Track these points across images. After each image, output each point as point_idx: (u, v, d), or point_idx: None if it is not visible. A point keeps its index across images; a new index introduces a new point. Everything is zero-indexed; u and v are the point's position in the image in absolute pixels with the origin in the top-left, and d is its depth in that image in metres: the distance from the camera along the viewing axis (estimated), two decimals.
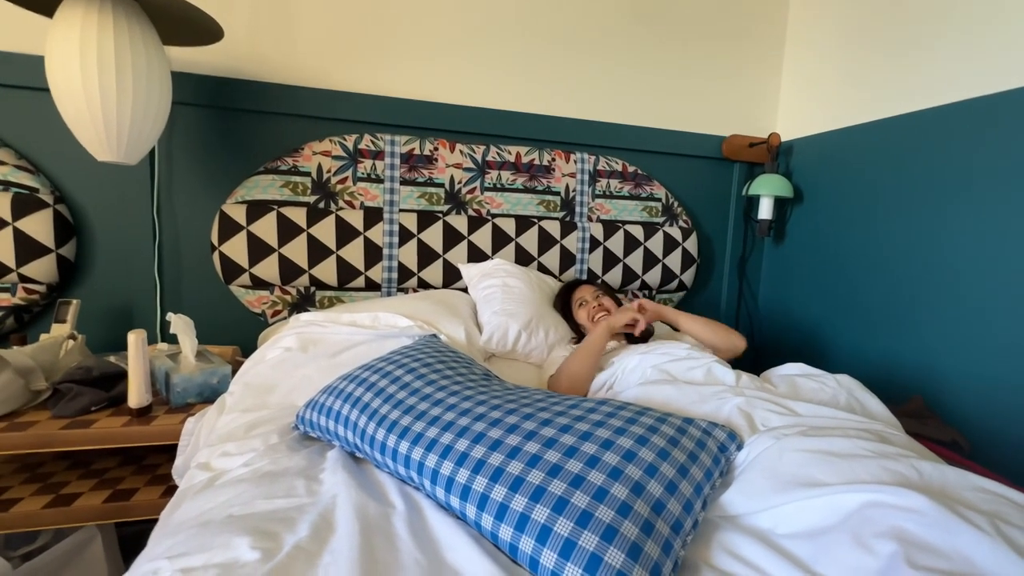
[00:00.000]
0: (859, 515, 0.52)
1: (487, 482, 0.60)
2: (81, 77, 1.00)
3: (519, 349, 1.32)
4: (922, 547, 0.47)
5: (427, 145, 1.51)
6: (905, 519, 0.49)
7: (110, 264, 1.36)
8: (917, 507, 0.50)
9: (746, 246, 1.94)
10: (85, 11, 0.99)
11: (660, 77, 1.77)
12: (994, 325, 1.24)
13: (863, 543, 0.50)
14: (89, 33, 0.99)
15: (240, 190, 1.38)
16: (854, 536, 0.51)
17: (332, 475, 0.75)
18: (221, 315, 1.45)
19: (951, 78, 1.34)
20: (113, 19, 1.01)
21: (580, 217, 1.68)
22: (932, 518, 0.48)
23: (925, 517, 0.49)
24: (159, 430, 0.98)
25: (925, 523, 0.48)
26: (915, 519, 0.49)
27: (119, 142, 1.07)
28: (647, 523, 0.54)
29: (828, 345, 1.71)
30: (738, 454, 0.70)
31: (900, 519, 0.49)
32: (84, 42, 0.99)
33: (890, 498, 0.51)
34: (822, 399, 0.88)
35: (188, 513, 0.70)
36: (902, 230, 1.47)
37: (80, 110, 1.02)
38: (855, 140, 1.61)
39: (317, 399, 0.88)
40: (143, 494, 1.03)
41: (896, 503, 0.51)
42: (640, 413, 0.70)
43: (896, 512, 0.50)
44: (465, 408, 0.73)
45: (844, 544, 0.51)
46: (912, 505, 0.50)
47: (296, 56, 1.43)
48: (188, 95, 1.34)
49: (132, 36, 1.04)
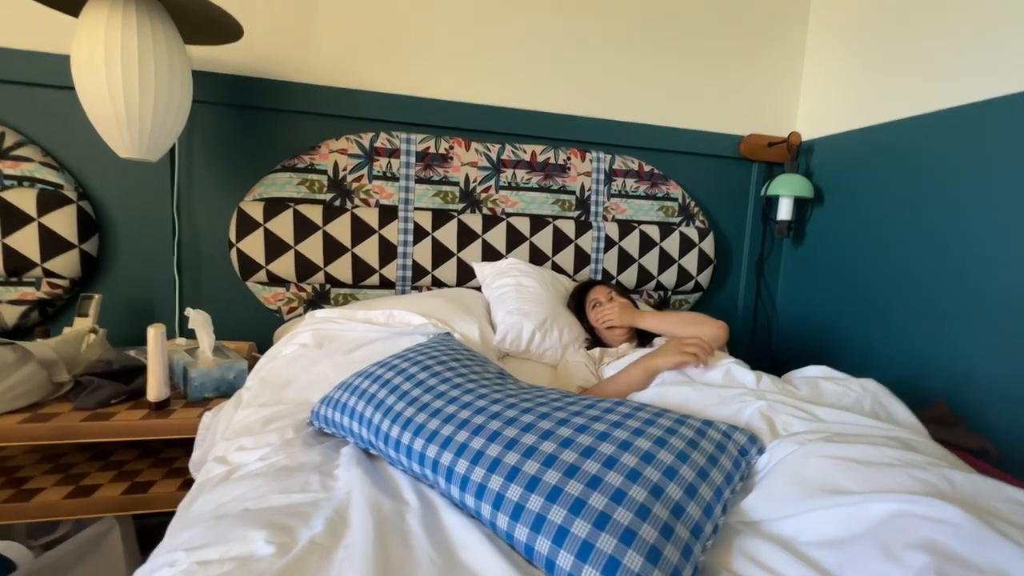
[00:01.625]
0: (888, 525, 0.50)
1: (503, 481, 0.59)
2: (106, 76, 1.01)
3: (533, 349, 1.31)
4: (955, 560, 0.46)
5: (442, 143, 1.51)
6: (937, 530, 0.47)
7: (131, 260, 1.38)
8: (950, 518, 0.48)
9: (764, 247, 1.91)
10: (110, 11, 1.01)
11: (677, 75, 1.75)
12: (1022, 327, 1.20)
13: (892, 554, 0.48)
14: (114, 33, 1.00)
15: (258, 187, 1.39)
16: (883, 546, 0.49)
17: (346, 471, 0.75)
18: (238, 311, 1.46)
19: (977, 76, 1.30)
20: (137, 19, 1.02)
21: (595, 216, 1.67)
22: (966, 530, 0.46)
23: (958, 529, 0.47)
24: (177, 423, 0.99)
25: (958, 535, 0.47)
26: (947, 531, 0.47)
27: (141, 140, 1.08)
28: (666, 526, 0.53)
29: (848, 348, 1.67)
30: (759, 459, 0.69)
31: (931, 530, 0.47)
32: (109, 41, 1.00)
33: (921, 508, 0.50)
34: (845, 404, 0.86)
35: (205, 506, 0.70)
36: (927, 230, 1.43)
37: (104, 108, 1.04)
38: (878, 139, 1.58)
39: (332, 395, 0.89)
40: (160, 487, 1.04)
41: (927, 514, 0.49)
42: (658, 415, 0.69)
43: (927, 523, 0.48)
44: (480, 406, 0.73)
45: (872, 554, 0.49)
46: (944, 516, 0.48)
47: (314, 55, 1.44)
48: (208, 93, 1.36)
49: (155, 36, 1.05)
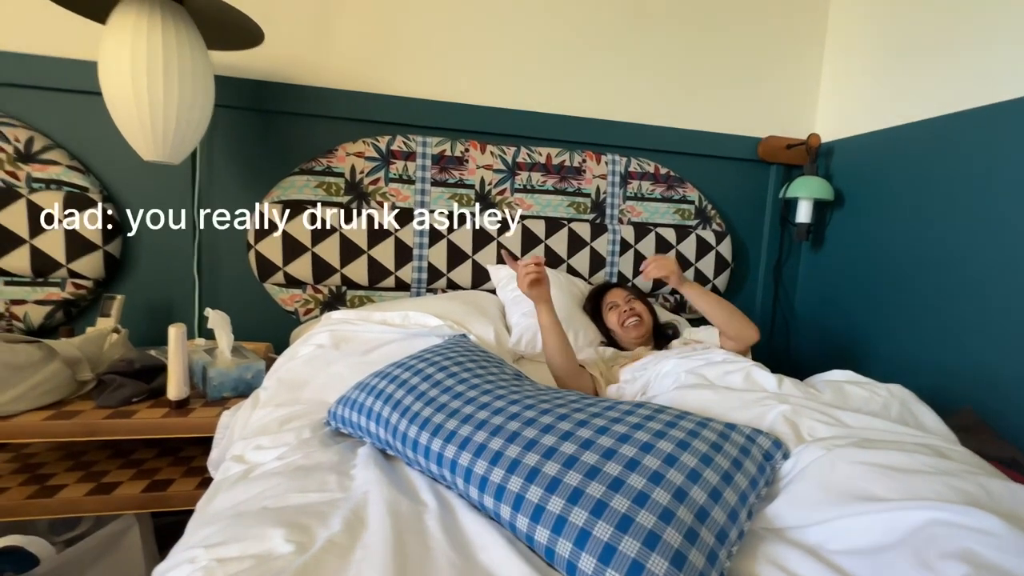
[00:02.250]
0: (923, 533, 0.48)
1: (522, 482, 0.58)
2: (131, 81, 1.04)
3: None
4: (994, 571, 0.44)
5: (458, 146, 1.52)
6: (975, 541, 0.45)
7: (153, 261, 1.40)
8: (989, 528, 0.46)
9: (782, 250, 1.88)
10: (136, 18, 1.03)
11: (694, 77, 1.73)
12: None
13: (928, 564, 0.46)
14: (139, 39, 1.03)
15: (276, 190, 1.41)
16: (917, 556, 0.47)
17: (364, 471, 0.75)
18: (256, 312, 1.48)
19: (1001, 75, 1.27)
20: (162, 26, 1.05)
21: (611, 219, 1.66)
22: (1006, 541, 0.44)
23: (998, 539, 0.45)
24: (196, 422, 1.00)
25: (998, 546, 0.45)
26: (987, 541, 0.45)
27: (165, 143, 1.10)
28: (691, 531, 0.52)
29: (869, 353, 1.63)
30: (784, 464, 0.67)
31: (970, 540, 0.45)
32: (135, 48, 1.03)
33: (958, 517, 0.48)
34: (872, 409, 0.84)
35: (223, 504, 0.70)
36: (950, 233, 1.39)
37: (130, 113, 1.06)
38: (899, 141, 1.55)
39: (349, 395, 0.89)
40: (179, 485, 1.05)
41: (965, 523, 0.47)
42: (680, 417, 0.68)
43: (965, 532, 0.46)
44: (498, 407, 0.72)
45: (906, 564, 0.48)
46: (983, 526, 0.46)
47: (332, 60, 1.46)
48: (229, 98, 1.38)
49: (179, 42, 1.07)
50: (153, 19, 1.04)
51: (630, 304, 1.36)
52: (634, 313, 1.33)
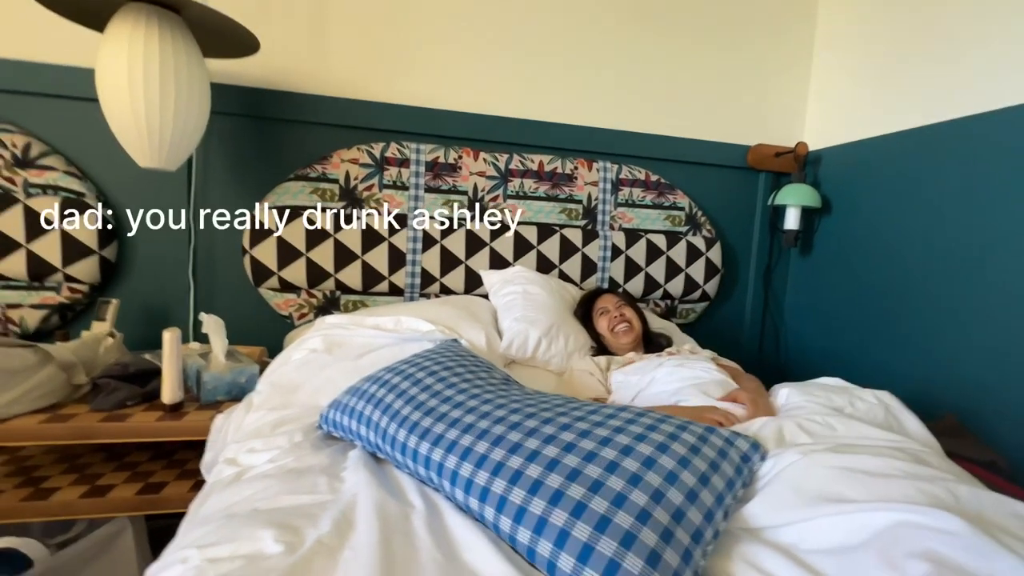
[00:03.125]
0: (889, 534, 0.50)
1: (506, 484, 0.60)
2: (128, 89, 1.05)
3: (539, 356, 1.32)
4: (955, 570, 0.46)
5: (451, 153, 1.54)
6: (938, 541, 0.47)
7: (148, 266, 1.42)
8: (952, 529, 0.48)
9: (772, 257, 1.90)
10: (133, 26, 1.05)
11: (684, 85, 1.76)
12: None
13: (892, 563, 0.48)
14: (136, 47, 1.04)
15: (271, 196, 1.43)
16: (883, 555, 0.49)
17: (354, 474, 0.76)
18: (250, 317, 1.49)
19: (985, 86, 1.30)
20: (159, 34, 1.06)
21: (602, 225, 1.68)
22: (967, 541, 0.46)
23: (959, 539, 0.47)
24: (190, 425, 1.02)
25: (960, 546, 0.47)
26: (949, 541, 0.47)
27: (161, 150, 1.12)
28: (666, 531, 0.53)
29: (856, 359, 1.65)
30: (762, 465, 0.69)
31: (933, 540, 0.47)
32: (132, 56, 1.04)
33: (923, 518, 0.50)
34: (858, 415, 0.86)
35: (216, 505, 0.72)
36: (936, 242, 1.42)
37: (126, 120, 1.08)
38: (886, 150, 1.58)
39: (341, 400, 0.90)
40: (173, 488, 1.06)
41: (929, 524, 0.49)
42: (661, 420, 0.70)
43: (929, 533, 0.48)
44: (485, 411, 0.74)
45: (872, 563, 0.50)
46: (946, 527, 0.48)
47: (327, 67, 1.48)
48: (225, 105, 1.40)
49: (176, 50, 1.09)
50: (150, 28, 1.06)
51: (620, 310, 1.38)
52: (624, 319, 1.35)
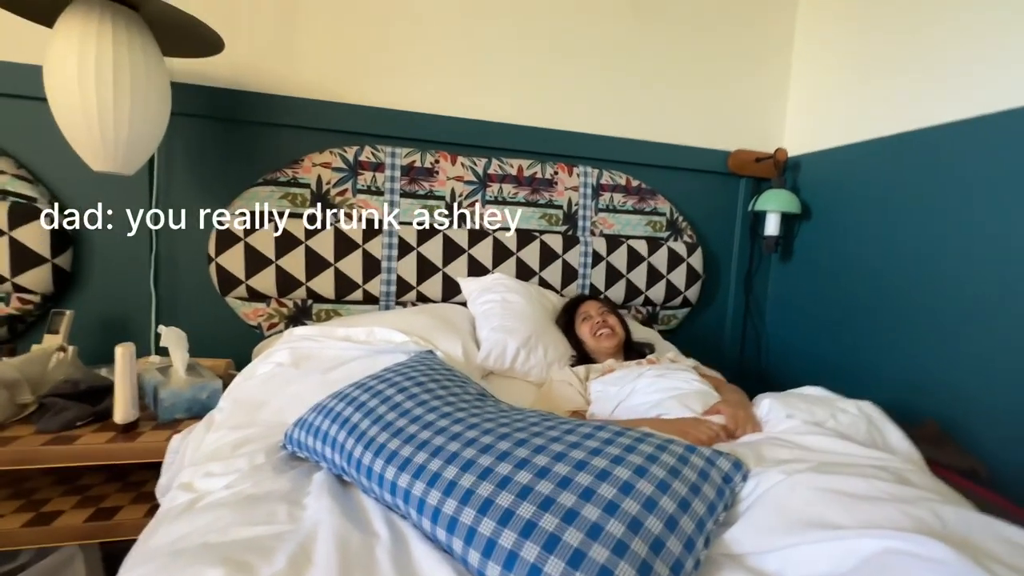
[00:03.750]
0: (876, 562, 0.48)
1: (475, 514, 0.56)
2: (79, 88, 0.99)
3: (517, 367, 1.28)
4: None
5: (428, 157, 1.50)
6: (926, 570, 0.45)
7: (106, 275, 1.35)
8: (940, 558, 0.45)
9: (752, 262, 1.90)
10: (84, 22, 0.99)
11: (665, 91, 1.75)
12: (1017, 345, 1.19)
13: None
14: (88, 44, 0.98)
15: (238, 201, 1.37)
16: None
17: (316, 500, 0.71)
18: (217, 327, 1.42)
19: (964, 93, 1.31)
20: (113, 30, 1.00)
21: (583, 231, 1.65)
22: (956, 570, 0.44)
23: (948, 568, 0.45)
24: (144, 447, 0.95)
25: (948, 575, 0.44)
26: (937, 570, 0.45)
27: (116, 153, 1.06)
28: (644, 564, 0.50)
29: (836, 365, 1.66)
30: (744, 486, 0.66)
31: (921, 570, 0.45)
32: (83, 53, 0.98)
33: (910, 546, 0.47)
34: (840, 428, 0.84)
35: (164, 539, 0.66)
36: (915, 248, 1.43)
37: (76, 121, 1.01)
38: (864, 156, 1.58)
39: (306, 418, 0.85)
40: (127, 512, 1.00)
41: (916, 552, 0.47)
42: (640, 440, 0.67)
43: (916, 562, 0.46)
44: (456, 432, 0.70)
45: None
46: (934, 555, 0.46)
47: (297, 68, 1.43)
48: (188, 106, 1.33)
49: (132, 48, 1.03)
50: (103, 24, 1.00)
51: (603, 316, 1.35)
52: (607, 325, 1.33)
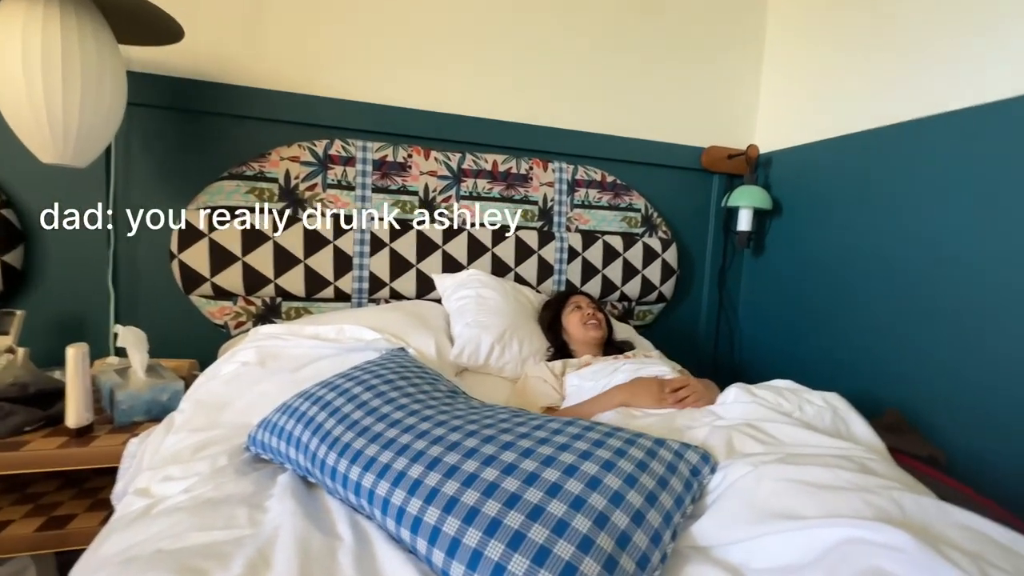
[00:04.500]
0: (837, 551, 0.48)
1: (439, 513, 0.55)
2: (23, 76, 0.94)
3: (492, 363, 1.27)
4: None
5: (400, 152, 1.47)
6: (885, 557, 0.46)
7: (61, 273, 1.28)
8: (898, 544, 0.46)
9: (726, 258, 1.93)
10: (29, 5, 0.94)
11: (639, 87, 1.76)
12: (978, 339, 1.23)
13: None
14: (33, 28, 0.93)
15: (202, 196, 1.32)
16: (832, 574, 0.47)
17: (279, 503, 0.69)
18: (181, 326, 1.38)
19: (931, 91, 1.34)
20: (61, 14, 0.95)
21: (558, 227, 1.65)
22: (914, 557, 0.45)
23: (906, 555, 0.45)
24: (98, 452, 0.91)
25: (906, 561, 0.45)
26: (896, 557, 0.45)
27: (66, 144, 1.01)
28: (610, 559, 0.50)
29: (806, 358, 1.69)
30: (712, 478, 0.66)
31: (880, 557, 0.46)
32: (27, 37, 0.93)
33: (870, 534, 0.48)
34: (806, 419, 0.85)
35: (115, 547, 0.63)
36: (881, 242, 1.46)
37: (22, 110, 0.96)
38: (832, 153, 1.61)
39: (270, 418, 0.83)
40: (82, 520, 0.95)
41: (876, 539, 0.47)
42: (608, 435, 0.66)
43: (876, 549, 0.47)
44: (423, 430, 0.68)
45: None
46: (893, 542, 0.46)
47: (264, 58, 1.39)
48: (148, 96, 1.28)
49: (83, 33, 0.98)
50: (50, 8, 0.95)
51: (592, 308, 1.37)
52: (595, 317, 1.34)
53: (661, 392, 0.97)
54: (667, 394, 0.97)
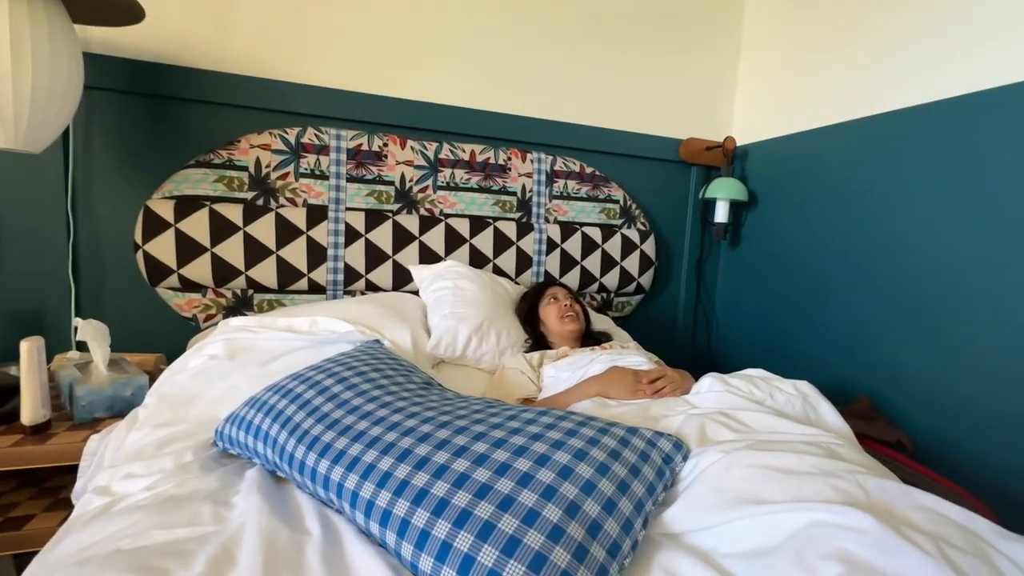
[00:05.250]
0: (804, 535, 0.49)
1: (408, 506, 0.54)
2: None
3: (469, 354, 1.26)
4: (866, 569, 0.45)
5: (376, 141, 1.44)
6: (849, 540, 0.46)
7: (16, 264, 1.23)
8: (862, 527, 0.47)
9: (703, 249, 1.94)
10: None
11: (618, 78, 1.75)
12: (943, 328, 1.26)
13: (807, 565, 0.46)
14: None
15: (168, 184, 1.27)
16: (798, 557, 0.48)
17: (245, 499, 0.67)
18: (147, 320, 1.33)
19: (905, 83, 1.37)
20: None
21: (537, 218, 1.64)
22: (876, 539, 0.46)
23: (869, 537, 0.46)
24: (56, 449, 0.88)
25: (869, 543, 0.46)
26: (859, 539, 0.46)
27: (17, 127, 0.96)
28: (580, 548, 0.49)
29: (780, 347, 1.72)
30: (684, 466, 0.67)
31: (845, 540, 0.46)
32: None
33: (835, 517, 0.49)
34: (777, 406, 0.86)
35: (70, 548, 0.61)
36: (854, 233, 1.49)
37: None
38: (808, 145, 1.64)
39: (238, 412, 0.80)
40: (41, 521, 0.92)
41: (841, 522, 0.48)
42: (582, 424, 0.66)
43: (841, 532, 0.47)
44: (394, 422, 0.67)
45: (787, 565, 0.48)
46: (857, 525, 0.47)
47: (232, 41, 1.34)
48: (109, 79, 1.23)
49: (33, 11, 0.93)
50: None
51: (570, 300, 1.36)
52: (572, 309, 1.33)
53: (636, 383, 0.97)
54: (644, 385, 0.97)
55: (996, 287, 1.16)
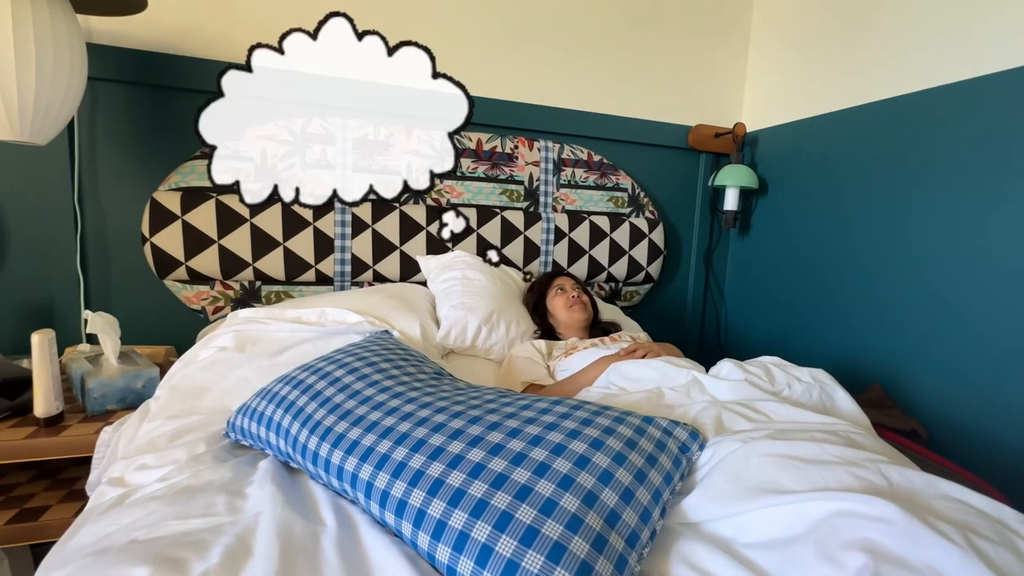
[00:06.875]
0: (827, 524, 0.48)
1: (424, 495, 0.53)
2: None
3: (479, 345, 1.26)
4: (891, 560, 0.44)
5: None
6: (874, 529, 0.45)
7: (26, 257, 1.23)
8: (887, 516, 0.46)
9: (712, 238, 1.92)
10: None
11: (625, 64, 1.72)
12: (957, 316, 1.25)
13: (830, 555, 0.46)
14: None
15: (174, 176, 1.26)
16: (821, 547, 0.47)
17: (259, 489, 0.67)
18: (156, 312, 1.33)
19: (916, 66, 1.34)
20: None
21: (544, 207, 1.62)
22: (902, 528, 0.45)
23: (895, 527, 0.45)
24: (69, 442, 0.88)
25: (895, 533, 0.45)
26: (884, 529, 0.45)
27: (22, 120, 0.95)
28: (599, 538, 0.49)
29: (794, 336, 1.70)
30: (701, 455, 0.66)
31: (869, 529, 0.46)
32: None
33: (859, 507, 0.48)
34: (794, 395, 0.85)
35: (87, 538, 0.61)
36: (867, 220, 1.47)
37: None
38: (819, 131, 1.61)
39: (250, 403, 0.80)
40: (56, 512, 0.92)
41: (865, 512, 0.47)
42: (597, 413, 0.65)
43: (865, 521, 0.46)
44: (407, 412, 0.67)
45: (810, 555, 0.47)
46: (881, 514, 0.46)
47: (236, 31, 1.32)
48: (114, 70, 1.22)
49: (36, 1, 0.92)
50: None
51: (577, 291, 1.35)
52: (580, 300, 1.32)
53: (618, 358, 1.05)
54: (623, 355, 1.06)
55: (1013, 271, 1.13)
